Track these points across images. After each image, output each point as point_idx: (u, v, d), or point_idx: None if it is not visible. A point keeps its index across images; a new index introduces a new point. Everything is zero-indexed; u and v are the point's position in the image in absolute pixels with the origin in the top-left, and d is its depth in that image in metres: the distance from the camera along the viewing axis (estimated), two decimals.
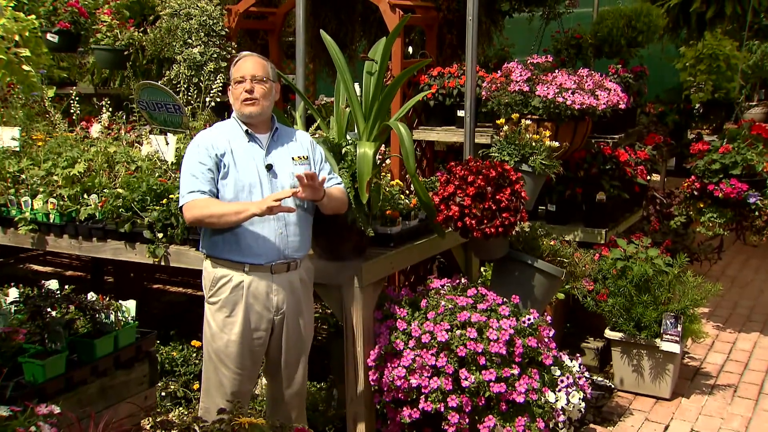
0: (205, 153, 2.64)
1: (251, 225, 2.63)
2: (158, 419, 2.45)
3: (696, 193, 4.76)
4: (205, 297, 2.73)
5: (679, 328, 3.85)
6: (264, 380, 3.06)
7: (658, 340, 3.90)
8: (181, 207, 2.65)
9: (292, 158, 2.75)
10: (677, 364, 4.03)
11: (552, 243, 3.42)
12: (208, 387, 2.76)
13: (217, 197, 2.64)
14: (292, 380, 2.84)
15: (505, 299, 3.12)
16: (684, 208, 5.08)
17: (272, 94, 2.72)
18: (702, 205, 4.76)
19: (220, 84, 4.09)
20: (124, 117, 4.29)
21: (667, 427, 3.70)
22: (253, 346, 2.70)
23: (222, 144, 2.66)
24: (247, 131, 2.70)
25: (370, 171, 2.80)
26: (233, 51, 4.59)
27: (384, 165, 4.14)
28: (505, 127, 3.44)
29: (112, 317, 2.94)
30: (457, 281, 3.28)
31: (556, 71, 4.02)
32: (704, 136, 6.62)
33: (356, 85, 3.21)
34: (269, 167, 2.68)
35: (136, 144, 4.02)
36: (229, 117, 2.81)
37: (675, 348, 3.88)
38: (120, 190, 3.47)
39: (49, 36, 4.76)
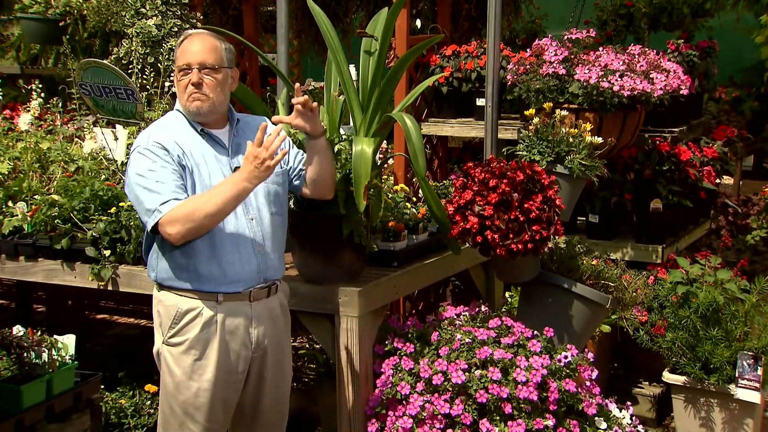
0: (166, 154, 2.61)
1: (223, 243, 2.66)
2: None
3: None
4: (162, 337, 2.70)
5: (760, 372, 3.88)
6: None
7: (732, 387, 3.95)
8: (156, 226, 2.55)
9: None
10: (758, 418, 4.06)
11: (594, 263, 3.49)
12: None
13: None
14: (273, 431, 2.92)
15: (535, 332, 3.20)
16: (765, 219, 5.16)
17: (227, 84, 2.72)
18: None
19: None
20: (61, 104, 4.36)
21: None
22: (227, 392, 2.73)
23: (180, 146, 2.65)
24: (202, 130, 2.71)
25: (369, 173, 2.85)
26: (198, 24, 4.68)
27: (386, 166, 4.24)
28: (536, 119, 3.53)
29: (45, 356, 2.97)
30: (476, 309, 3.37)
31: (601, 49, 4.11)
32: None
33: (352, 68, 3.31)
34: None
35: (76, 139, 4.11)
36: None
37: (754, 397, 3.90)
38: (55, 197, 3.55)
39: None
